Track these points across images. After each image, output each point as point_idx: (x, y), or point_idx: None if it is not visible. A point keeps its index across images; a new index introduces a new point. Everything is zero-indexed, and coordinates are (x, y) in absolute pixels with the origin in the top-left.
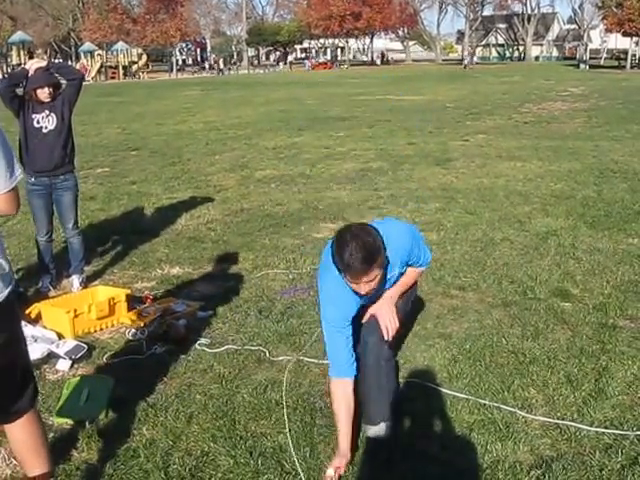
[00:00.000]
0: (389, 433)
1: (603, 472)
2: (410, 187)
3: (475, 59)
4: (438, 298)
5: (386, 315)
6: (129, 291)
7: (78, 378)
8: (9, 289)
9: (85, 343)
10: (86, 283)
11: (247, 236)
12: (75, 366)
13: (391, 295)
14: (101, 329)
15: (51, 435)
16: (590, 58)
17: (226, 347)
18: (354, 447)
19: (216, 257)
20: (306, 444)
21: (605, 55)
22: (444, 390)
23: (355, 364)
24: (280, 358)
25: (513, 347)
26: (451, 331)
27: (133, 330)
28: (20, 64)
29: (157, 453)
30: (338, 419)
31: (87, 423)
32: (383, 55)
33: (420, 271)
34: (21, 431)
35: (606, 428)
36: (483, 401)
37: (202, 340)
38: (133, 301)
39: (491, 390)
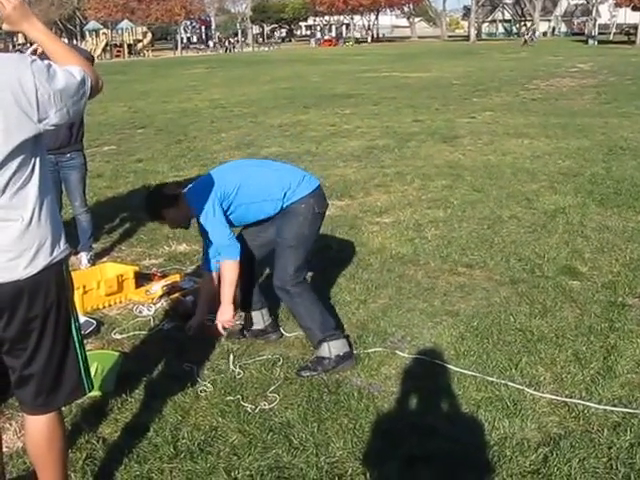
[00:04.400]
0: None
1: (611, 450)
2: (416, 164)
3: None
4: (445, 275)
5: None
6: (137, 268)
7: (87, 354)
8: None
9: (94, 319)
10: (94, 260)
11: None
12: (84, 342)
13: None
14: (110, 305)
15: None
16: (599, 33)
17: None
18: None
19: None
20: (314, 420)
21: (614, 30)
22: (451, 367)
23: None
24: (288, 335)
25: (521, 325)
26: (458, 309)
27: (141, 306)
28: (25, 44)
29: (166, 427)
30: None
31: (96, 398)
32: (371, 31)
33: None
34: (38, 433)
35: (614, 406)
36: (491, 378)
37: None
38: (141, 278)
39: (499, 367)
